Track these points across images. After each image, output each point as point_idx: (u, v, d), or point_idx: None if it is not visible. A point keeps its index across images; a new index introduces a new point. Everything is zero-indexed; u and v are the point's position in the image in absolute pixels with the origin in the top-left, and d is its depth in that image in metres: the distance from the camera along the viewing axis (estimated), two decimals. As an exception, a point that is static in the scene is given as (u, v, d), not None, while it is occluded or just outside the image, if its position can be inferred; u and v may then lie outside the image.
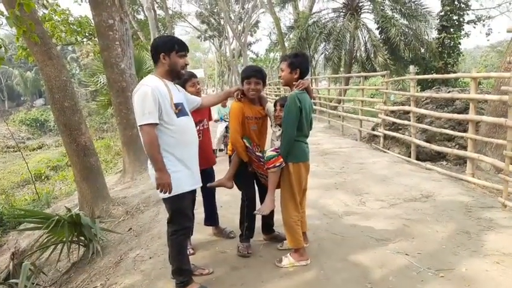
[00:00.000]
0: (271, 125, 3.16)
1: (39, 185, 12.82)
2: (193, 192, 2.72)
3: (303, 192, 3.06)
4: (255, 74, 2.99)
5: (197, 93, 3.33)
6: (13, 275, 3.78)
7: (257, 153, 2.95)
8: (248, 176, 3.15)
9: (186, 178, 2.56)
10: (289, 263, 2.94)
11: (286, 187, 2.91)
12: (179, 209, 2.58)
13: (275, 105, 3.05)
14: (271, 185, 2.88)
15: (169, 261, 2.73)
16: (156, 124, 2.42)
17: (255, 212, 3.02)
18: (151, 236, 4.01)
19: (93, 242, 4.04)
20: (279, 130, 2.98)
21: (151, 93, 2.40)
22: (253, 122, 3.07)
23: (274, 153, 2.83)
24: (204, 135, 3.38)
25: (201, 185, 2.80)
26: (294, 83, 2.88)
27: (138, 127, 2.45)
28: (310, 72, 21.15)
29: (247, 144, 2.95)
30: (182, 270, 2.65)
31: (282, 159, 2.80)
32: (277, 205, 2.98)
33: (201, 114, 3.36)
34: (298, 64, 2.87)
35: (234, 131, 3.00)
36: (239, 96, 3.06)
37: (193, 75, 3.42)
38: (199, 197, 3.44)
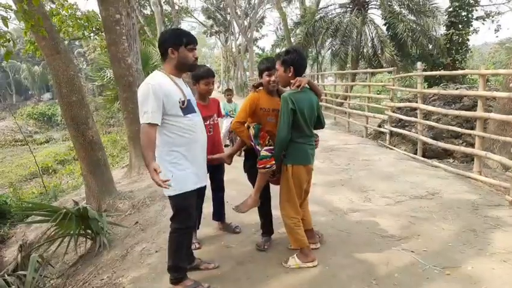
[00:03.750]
0: None
1: (46, 178, 12.95)
2: (199, 190, 2.67)
3: (304, 194, 2.99)
4: (274, 66, 2.89)
5: (208, 93, 3.28)
6: (21, 266, 3.83)
7: (257, 147, 2.86)
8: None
9: (191, 176, 2.52)
10: (295, 264, 2.88)
11: (285, 189, 2.83)
12: (183, 208, 2.54)
13: None
14: (257, 184, 2.83)
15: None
16: (157, 125, 2.36)
17: (233, 208, 2.97)
18: (157, 230, 4.04)
19: (100, 235, 4.08)
20: None
21: (153, 92, 2.32)
22: (270, 113, 2.95)
23: (268, 153, 2.74)
24: (214, 130, 3.38)
25: (206, 183, 2.76)
26: (291, 81, 2.75)
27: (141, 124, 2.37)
28: (316, 68, 21.16)
29: (251, 132, 2.87)
30: (178, 267, 2.63)
31: (273, 162, 2.72)
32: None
33: (210, 110, 3.36)
34: (291, 61, 2.74)
35: (237, 118, 2.94)
36: (255, 87, 3.02)
37: (211, 74, 3.28)
38: (208, 192, 3.45)
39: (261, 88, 3.02)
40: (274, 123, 2.95)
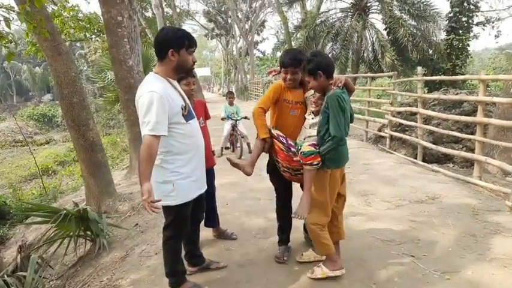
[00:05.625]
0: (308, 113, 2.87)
1: (46, 179, 12.93)
2: (199, 195, 2.58)
3: (343, 199, 2.83)
4: (291, 63, 2.73)
5: (190, 94, 3.05)
6: (20, 267, 3.82)
7: (289, 142, 2.70)
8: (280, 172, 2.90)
9: (192, 185, 2.45)
10: (322, 274, 2.72)
11: (318, 194, 2.63)
12: (183, 216, 2.49)
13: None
14: (307, 183, 2.64)
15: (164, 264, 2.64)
16: (162, 136, 2.22)
17: (292, 215, 2.79)
18: (156, 232, 4.03)
19: (100, 237, 4.07)
20: (312, 118, 2.73)
21: (158, 101, 2.18)
22: (294, 106, 2.83)
23: (313, 149, 2.54)
24: None
25: (205, 188, 2.66)
26: (328, 84, 2.56)
27: (142, 136, 2.21)
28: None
29: (277, 132, 2.76)
30: (175, 272, 2.61)
31: (320, 159, 2.55)
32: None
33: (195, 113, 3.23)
34: (316, 67, 2.51)
35: (260, 103, 2.82)
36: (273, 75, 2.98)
37: (190, 74, 2.98)
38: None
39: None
40: (296, 116, 2.85)
